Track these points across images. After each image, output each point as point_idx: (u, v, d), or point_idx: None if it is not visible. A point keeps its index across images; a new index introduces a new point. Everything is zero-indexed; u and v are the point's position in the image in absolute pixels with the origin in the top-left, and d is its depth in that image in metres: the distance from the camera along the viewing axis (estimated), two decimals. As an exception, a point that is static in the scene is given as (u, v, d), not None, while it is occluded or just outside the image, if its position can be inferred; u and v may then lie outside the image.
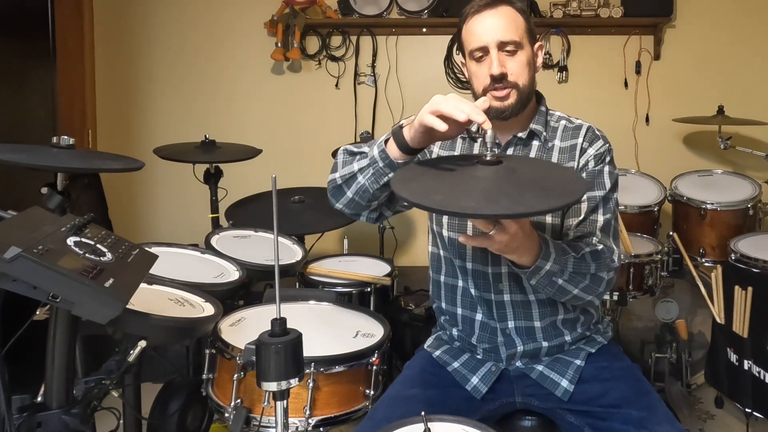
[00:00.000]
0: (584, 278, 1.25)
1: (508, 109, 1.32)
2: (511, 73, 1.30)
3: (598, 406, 1.30)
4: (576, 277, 1.24)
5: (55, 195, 1.58)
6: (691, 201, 2.65)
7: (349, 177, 1.28)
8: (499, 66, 1.29)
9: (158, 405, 1.89)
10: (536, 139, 1.39)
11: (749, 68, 3.26)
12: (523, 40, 1.31)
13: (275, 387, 0.96)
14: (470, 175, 1.05)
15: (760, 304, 2.07)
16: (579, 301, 1.30)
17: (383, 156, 1.20)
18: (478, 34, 1.31)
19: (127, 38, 3.39)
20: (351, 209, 1.34)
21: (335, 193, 1.33)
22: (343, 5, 3.26)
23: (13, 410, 1.01)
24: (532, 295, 1.36)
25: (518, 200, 0.96)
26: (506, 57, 1.30)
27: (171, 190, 3.43)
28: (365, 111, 3.38)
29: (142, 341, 1.19)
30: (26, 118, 2.45)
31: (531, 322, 1.38)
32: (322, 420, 1.40)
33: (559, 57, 3.28)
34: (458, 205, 0.95)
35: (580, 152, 1.37)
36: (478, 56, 1.32)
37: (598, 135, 1.39)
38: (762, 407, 2.07)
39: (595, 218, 1.33)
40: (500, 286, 1.37)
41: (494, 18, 1.31)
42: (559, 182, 1.07)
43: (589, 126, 1.40)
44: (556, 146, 1.39)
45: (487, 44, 1.30)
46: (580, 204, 1.34)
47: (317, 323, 1.64)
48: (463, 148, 1.44)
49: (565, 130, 1.40)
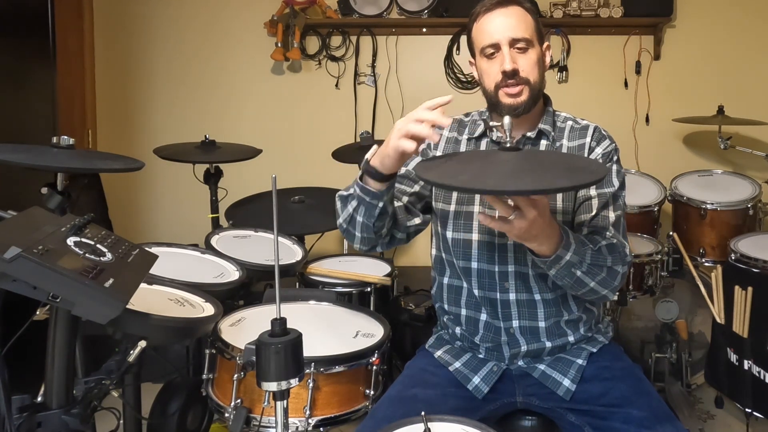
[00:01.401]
0: (601, 271, 1.26)
1: (521, 106, 1.33)
2: (522, 69, 1.32)
3: (599, 406, 1.30)
4: (593, 269, 1.24)
5: (55, 195, 1.58)
6: (691, 201, 2.65)
7: (349, 220, 1.34)
8: (511, 62, 1.31)
9: (158, 405, 1.89)
10: (545, 139, 1.41)
11: (749, 68, 3.26)
12: (533, 39, 1.33)
13: (275, 387, 0.96)
14: (493, 160, 1.07)
15: (760, 304, 2.07)
16: (593, 296, 1.30)
17: (365, 191, 1.26)
18: (490, 32, 1.33)
19: (127, 38, 3.39)
20: (366, 245, 1.39)
21: (347, 237, 1.40)
22: (343, 5, 3.26)
23: (13, 410, 1.01)
24: (537, 294, 1.37)
25: (543, 177, 0.98)
26: (517, 54, 1.32)
27: (171, 190, 3.43)
28: (365, 111, 3.38)
29: (142, 341, 1.19)
30: (26, 118, 2.45)
31: (536, 322, 1.38)
32: (322, 420, 1.40)
33: (559, 57, 3.28)
34: (483, 182, 0.97)
35: (588, 151, 1.39)
36: (490, 53, 1.34)
37: (605, 135, 1.42)
38: (762, 407, 2.06)
39: (606, 214, 1.35)
40: (506, 285, 1.37)
41: (505, 16, 1.32)
42: (580, 165, 1.09)
43: (595, 126, 1.42)
44: (564, 146, 1.41)
45: (499, 41, 1.31)
46: (591, 201, 1.36)
47: (317, 323, 1.64)
48: (468, 148, 1.44)
49: (572, 130, 1.42)
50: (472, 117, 1.50)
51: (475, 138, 1.44)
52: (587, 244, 1.25)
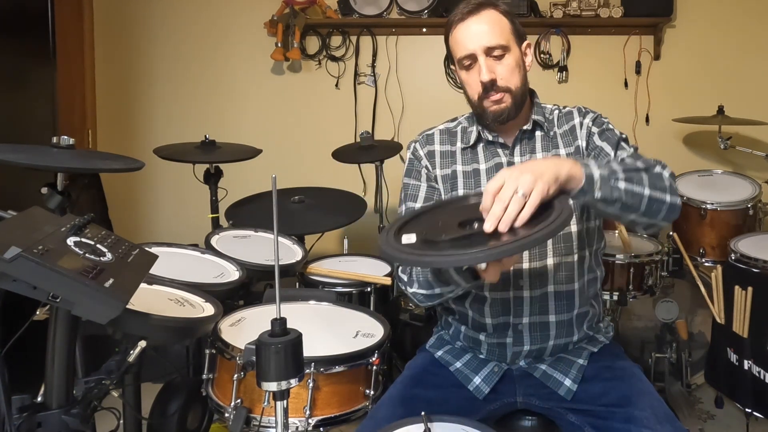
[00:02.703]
0: (641, 174, 1.15)
1: (504, 112, 1.34)
2: (501, 77, 1.32)
3: (600, 406, 1.30)
4: (632, 174, 1.14)
5: (55, 195, 1.58)
6: (691, 201, 2.65)
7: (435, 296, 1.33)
8: (488, 72, 1.31)
9: (158, 405, 1.89)
10: (539, 130, 1.42)
11: (749, 68, 3.26)
12: (509, 43, 1.32)
13: (275, 387, 0.96)
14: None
15: (760, 304, 2.07)
16: (663, 207, 1.18)
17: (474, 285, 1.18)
18: (464, 42, 1.32)
19: (127, 38, 3.39)
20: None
21: (401, 283, 1.41)
22: (343, 5, 3.26)
23: (13, 410, 1.01)
24: (551, 286, 1.36)
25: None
26: (494, 62, 1.32)
27: (171, 190, 3.43)
28: (365, 111, 3.38)
29: (142, 341, 1.19)
30: (26, 118, 2.45)
31: (546, 316, 1.38)
32: (322, 420, 1.40)
33: (559, 57, 3.28)
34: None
35: (579, 128, 1.41)
36: (467, 64, 1.34)
37: (589, 110, 1.44)
38: (762, 407, 2.07)
39: (621, 154, 1.35)
40: (520, 282, 1.37)
41: (478, 24, 1.31)
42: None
43: (578, 107, 1.45)
44: (557, 134, 1.42)
45: (474, 51, 1.31)
46: (603, 147, 1.36)
47: (317, 323, 1.64)
48: (465, 160, 1.44)
49: (559, 118, 1.44)
50: (459, 124, 1.49)
51: (470, 147, 1.44)
52: (603, 159, 1.25)
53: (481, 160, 1.43)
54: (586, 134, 1.40)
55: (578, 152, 1.39)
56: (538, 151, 1.41)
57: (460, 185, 1.42)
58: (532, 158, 1.40)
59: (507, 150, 1.41)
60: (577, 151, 1.40)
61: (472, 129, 1.44)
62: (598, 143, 1.38)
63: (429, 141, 1.47)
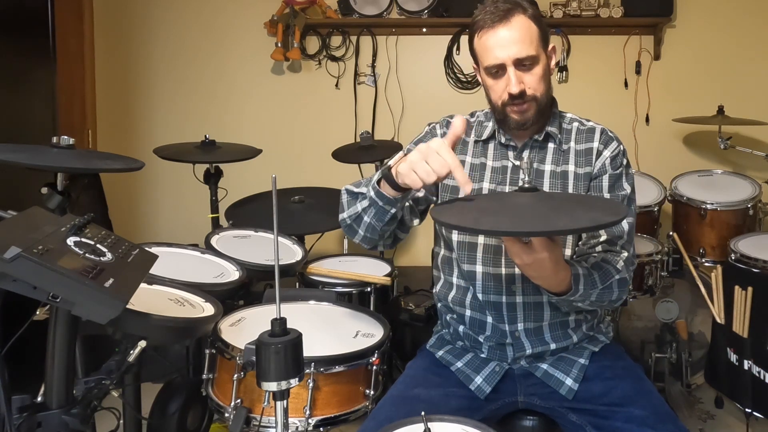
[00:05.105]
0: (603, 301, 1.31)
1: (529, 121, 1.34)
2: (529, 87, 1.30)
3: (601, 405, 1.30)
4: (596, 302, 1.30)
5: (55, 195, 1.58)
6: (691, 201, 2.65)
7: (355, 217, 1.34)
8: (518, 84, 1.29)
9: (158, 405, 1.89)
10: (551, 142, 1.40)
11: (749, 68, 3.26)
12: (538, 52, 1.30)
13: (275, 387, 0.95)
14: (511, 203, 1.08)
15: (760, 304, 2.07)
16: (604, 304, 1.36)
17: (380, 196, 1.24)
18: (494, 52, 1.29)
19: (127, 38, 3.39)
20: (367, 243, 1.39)
21: (348, 232, 1.39)
22: (343, 5, 3.26)
23: (13, 410, 1.01)
24: (545, 296, 1.35)
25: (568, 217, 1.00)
26: (523, 73, 1.30)
27: (171, 190, 3.43)
28: (365, 111, 3.38)
29: (142, 341, 1.19)
30: (26, 118, 2.45)
31: (540, 322, 1.38)
32: (322, 420, 1.39)
33: (559, 57, 3.28)
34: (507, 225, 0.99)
35: (596, 156, 1.38)
36: (494, 72, 1.32)
37: (612, 137, 1.41)
38: (762, 407, 2.06)
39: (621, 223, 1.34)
40: (513, 288, 1.37)
41: (508, 31, 1.28)
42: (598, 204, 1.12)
43: (602, 128, 1.42)
44: (571, 149, 1.40)
45: (504, 62, 1.29)
46: (603, 193, 1.37)
47: (317, 323, 1.64)
48: (475, 152, 1.44)
49: (578, 132, 1.41)
50: (477, 117, 1.49)
51: (483, 141, 1.44)
52: (597, 285, 1.25)
53: (489, 157, 1.43)
54: (599, 168, 1.38)
55: (587, 178, 1.38)
56: (548, 162, 1.39)
57: None
58: (540, 166, 1.40)
59: (515, 152, 1.41)
60: (586, 177, 1.38)
61: (488, 124, 1.44)
62: (602, 184, 1.38)
63: (449, 126, 1.47)
